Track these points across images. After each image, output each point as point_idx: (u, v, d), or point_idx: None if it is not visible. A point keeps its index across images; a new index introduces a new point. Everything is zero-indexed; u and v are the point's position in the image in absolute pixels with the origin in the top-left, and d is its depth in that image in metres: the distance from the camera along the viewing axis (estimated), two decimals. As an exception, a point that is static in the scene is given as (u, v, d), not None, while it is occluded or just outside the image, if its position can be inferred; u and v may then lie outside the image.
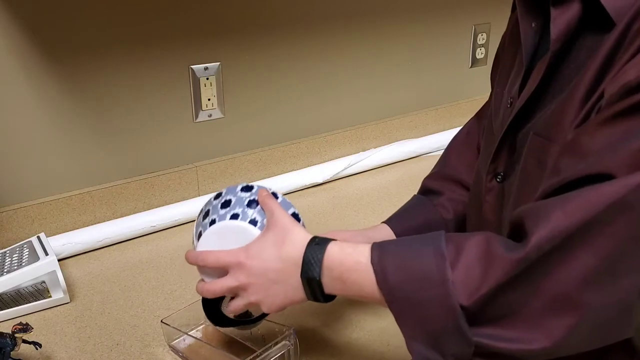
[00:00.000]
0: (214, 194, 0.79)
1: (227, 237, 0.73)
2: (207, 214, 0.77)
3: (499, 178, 0.72)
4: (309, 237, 0.68)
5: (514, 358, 0.56)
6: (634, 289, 0.53)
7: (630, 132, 0.52)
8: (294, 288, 0.67)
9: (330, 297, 0.68)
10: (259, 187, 0.77)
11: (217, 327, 0.86)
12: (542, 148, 0.63)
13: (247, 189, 0.77)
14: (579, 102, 0.59)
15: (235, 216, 0.73)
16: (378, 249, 0.63)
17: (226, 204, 0.75)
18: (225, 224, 0.73)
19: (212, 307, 0.83)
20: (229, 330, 0.89)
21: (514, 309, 0.55)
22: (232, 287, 0.71)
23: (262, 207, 0.74)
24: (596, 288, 0.52)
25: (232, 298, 0.74)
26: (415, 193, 0.97)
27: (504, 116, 0.72)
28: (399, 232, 0.88)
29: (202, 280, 0.76)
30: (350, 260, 0.64)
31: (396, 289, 0.60)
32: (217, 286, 0.72)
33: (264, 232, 0.71)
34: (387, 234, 0.88)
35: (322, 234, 0.85)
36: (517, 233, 0.58)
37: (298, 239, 0.68)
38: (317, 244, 0.67)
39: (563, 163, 0.58)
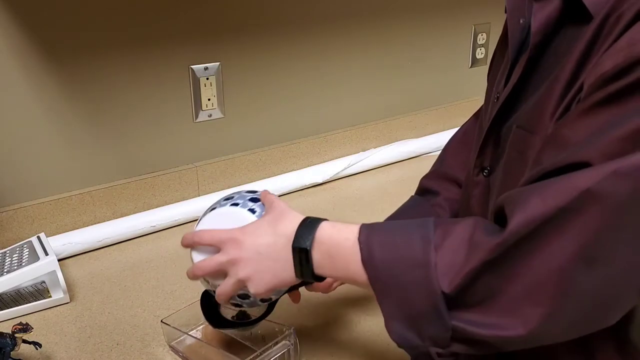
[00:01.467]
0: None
1: (225, 221, 0.74)
2: (210, 208, 0.79)
3: (485, 172, 0.73)
4: (304, 217, 0.70)
5: (490, 344, 0.57)
6: (611, 280, 0.53)
7: (609, 121, 0.53)
8: (285, 262, 0.68)
9: (319, 278, 0.68)
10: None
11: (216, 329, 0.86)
12: (524, 140, 0.64)
13: (252, 191, 0.79)
14: (559, 93, 0.60)
15: (235, 204, 0.76)
16: (367, 227, 0.64)
17: (229, 198, 0.78)
18: (224, 209, 0.76)
19: (211, 309, 0.83)
20: (229, 330, 0.89)
21: (491, 295, 0.56)
22: (222, 262, 0.71)
23: (263, 203, 0.75)
24: (571, 277, 0.52)
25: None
26: (414, 193, 0.97)
27: (490, 111, 0.72)
28: None
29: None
30: (340, 237, 0.65)
31: (380, 268, 0.61)
32: (208, 263, 0.72)
33: (262, 216, 0.73)
34: None
35: None
36: (499, 220, 0.58)
37: (293, 217, 0.69)
38: (311, 221, 0.68)
39: (545, 155, 0.58)
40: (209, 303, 0.83)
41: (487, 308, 0.56)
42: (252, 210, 0.75)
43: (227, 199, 0.78)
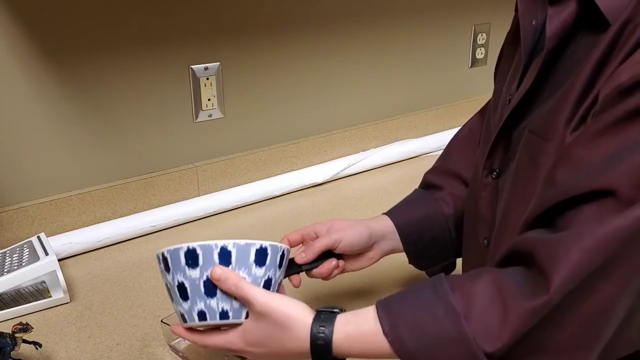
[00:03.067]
0: (168, 249, 0.66)
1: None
2: (177, 291, 0.66)
3: (494, 174, 0.73)
4: (307, 325, 0.63)
5: None
6: None
7: (628, 143, 0.53)
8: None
9: None
10: (202, 253, 0.64)
11: None
12: (537, 146, 0.64)
13: (192, 260, 0.63)
14: (574, 101, 0.60)
15: (202, 315, 0.65)
16: (386, 317, 0.61)
17: (183, 291, 0.65)
18: (199, 325, 0.67)
19: None
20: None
21: (539, 346, 0.56)
22: (232, 349, 0.68)
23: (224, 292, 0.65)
24: (618, 313, 0.54)
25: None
26: (418, 187, 0.97)
27: (501, 113, 0.72)
28: (400, 224, 0.88)
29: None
30: (362, 341, 0.62)
31: (417, 353, 0.59)
32: (213, 341, 0.68)
33: (255, 323, 0.65)
34: (388, 225, 0.88)
35: (320, 223, 0.85)
36: (524, 263, 0.58)
37: (298, 332, 0.63)
38: (322, 338, 0.63)
39: (560, 174, 0.58)
40: None
41: (536, 357, 0.56)
42: (225, 315, 0.65)
43: (180, 289, 0.65)
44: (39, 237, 1.05)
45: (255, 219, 1.29)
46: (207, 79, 1.28)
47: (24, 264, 0.97)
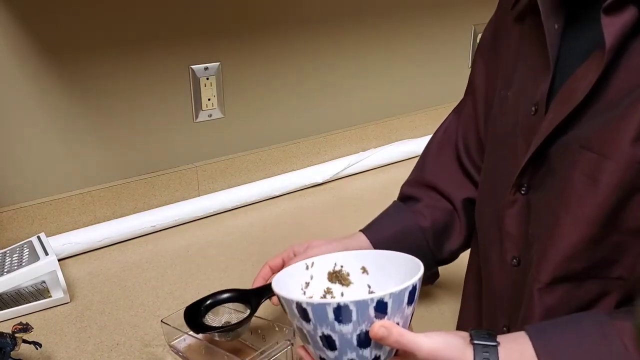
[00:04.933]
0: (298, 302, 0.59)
1: None
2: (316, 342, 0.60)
3: (523, 190, 0.68)
4: None
5: None
6: None
7: None
8: None
9: None
10: (355, 309, 0.57)
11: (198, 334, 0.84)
12: (595, 164, 0.59)
13: (345, 317, 0.57)
14: None
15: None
16: (547, 356, 0.58)
17: (329, 342, 0.59)
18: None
19: (194, 317, 0.81)
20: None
21: None
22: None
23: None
24: None
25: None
26: (396, 198, 0.95)
27: (527, 125, 0.67)
28: (374, 240, 0.87)
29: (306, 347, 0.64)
30: None
31: None
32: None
33: None
34: (364, 242, 0.87)
35: (298, 243, 0.84)
36: None
37: None
38: None
39: None
40: (192, 312, 0.81)
41: None
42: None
43: (327, 342, 0.59)
44: (39, 237, 1.05)
45: (255, 219, 1.29)
46: (207, 79, 1.28)
47: (24, 264, 0.97)
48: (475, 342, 0.59)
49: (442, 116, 1.73)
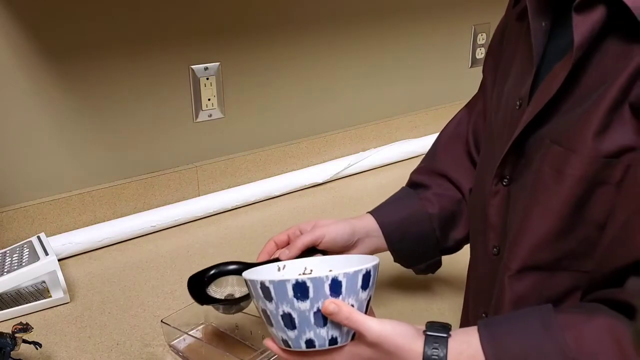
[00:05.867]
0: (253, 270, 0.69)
1: None
2: (269, 319, 0.65)
3: (505, 181, 0.71)
4: (419, 354, 0.60)
5: None
6: None
7: None
8: None
9: None
10: (312, 286, 0.61)
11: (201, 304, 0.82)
12: (562, 158, 0.62)
13: (302, 292, 0.61)
14: (605, 112, 0.58)
15: (310, 343, 0.63)
16: (491, 348, 0.59)
17: (290, 321, 0.63)
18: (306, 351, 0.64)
19: (197, 288, 0.80)
20: (229, 330, 0.89)
21: None
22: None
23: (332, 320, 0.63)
24: None
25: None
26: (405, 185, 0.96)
27: (511, 118, 0.70)
28: (383, 222, 0.88)
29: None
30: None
31: None
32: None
33: (365, 349, 0.63)
34: (371, 222, 0.88)
35: (305, 222, 0.86)
36: (622, 310, 0.57)
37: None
38: None
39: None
40: (196, 283, 0.81)
41: None
42: (334, 341, 0.63)
43: (286, 319, 0.63)
44: (39, 237, 1.05)
45: (255, 219, 1.29)
46: (207, 79, 1.28)
47: (24, 264, 0.97)
48: (428, 333, 0.61)
49: (442, 116, 1.73)
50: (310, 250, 0.83)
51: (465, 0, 1.67)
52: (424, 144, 1.61)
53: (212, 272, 0.81)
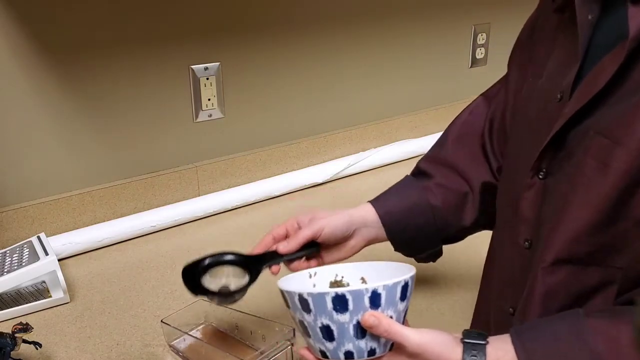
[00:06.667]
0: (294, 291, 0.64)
1: None
2: (306, 330, 0.65)
3: (541, 174, 0.69)
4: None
5: None
6: None
7: None
8: None
9: None
10: (351, 299, 0.61)
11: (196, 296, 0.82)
12: (607, 150, 0.61)
13: (341, 305, 0.61)
14: None
15: (349, 354, 0.63)
16: (523, 353, 0.60)
17: (328, 333, 0.63)
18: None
19: (192, 278, 0.78)
20: (229, 330, 0.89)
21: None
22: None
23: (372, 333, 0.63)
24: None
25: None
26: (410, 173, 0.95)
27: (550, 111, 0.68)
28: (382, 213, 0.88)
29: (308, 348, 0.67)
30: None
31: None
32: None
33: (402, 358, 0.63)
34: (370, 213, 0.88)
35: (303, 214, 0.85)
36: None
37: None
38: None
39: None
40: (191, 273, 0.80)
41: None
42: (373, 352, 0.63)
43: (325, 332, 0.63)
44: (39, 237, 1.05)
45: (255, 219, 1.29)
46: (207, 79, 1.28)
47: (24, 264, 0.97)
48: (466, 340, 0.61)
49: (443, 116, 1.73)
50: (308, 244, 0.83)
51: (465, 0, 1.67)
52: (424, 144, 1.61)
53: (207, 261, 0.79)
